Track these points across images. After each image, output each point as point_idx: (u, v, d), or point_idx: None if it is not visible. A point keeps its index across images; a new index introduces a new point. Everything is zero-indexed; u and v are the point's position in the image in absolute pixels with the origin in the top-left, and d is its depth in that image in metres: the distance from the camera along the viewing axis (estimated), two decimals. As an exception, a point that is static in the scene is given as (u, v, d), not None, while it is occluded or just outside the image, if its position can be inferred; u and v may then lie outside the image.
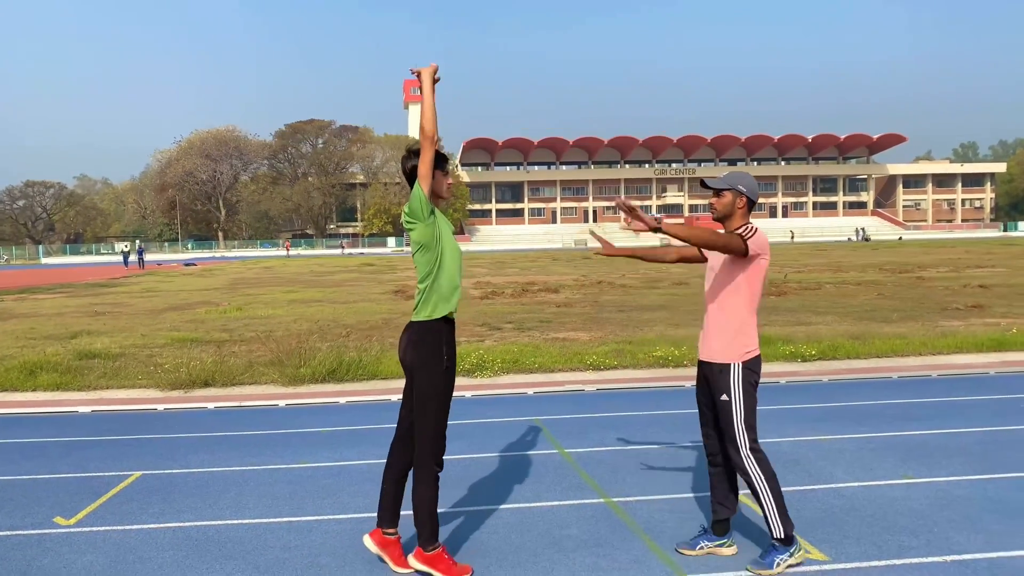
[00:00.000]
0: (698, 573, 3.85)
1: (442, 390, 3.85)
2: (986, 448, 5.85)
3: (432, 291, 3.82)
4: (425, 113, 3.70)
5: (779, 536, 3.83)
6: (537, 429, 6.82)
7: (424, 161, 3.72)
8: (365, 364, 9.44)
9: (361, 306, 18.64)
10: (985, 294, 18.17)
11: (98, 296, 24.60)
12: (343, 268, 42.44)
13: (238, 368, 9.50)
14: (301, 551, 4.19)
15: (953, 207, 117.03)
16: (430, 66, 3.79)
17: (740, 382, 3.85)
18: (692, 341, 11.02)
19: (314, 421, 7.31)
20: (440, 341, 3.83)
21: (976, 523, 4.37)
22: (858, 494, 4.92)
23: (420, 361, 3.82)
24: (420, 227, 3.78)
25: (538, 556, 4.07)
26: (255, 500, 5.04)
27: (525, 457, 5.94)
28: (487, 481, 5.35)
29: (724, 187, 3.96)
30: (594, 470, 5.56)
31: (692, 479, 5.29)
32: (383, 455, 5.98)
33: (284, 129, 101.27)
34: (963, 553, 3.98)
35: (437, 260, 3.81)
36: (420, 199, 3.74)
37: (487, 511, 4.76)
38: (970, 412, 7.03)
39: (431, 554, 3.82)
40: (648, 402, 7.83)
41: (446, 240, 3.86)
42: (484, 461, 5.82)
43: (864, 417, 6.95)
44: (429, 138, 3.69)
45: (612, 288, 22.98)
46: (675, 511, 4.70)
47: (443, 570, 3.79)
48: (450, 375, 3.88)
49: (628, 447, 6.13)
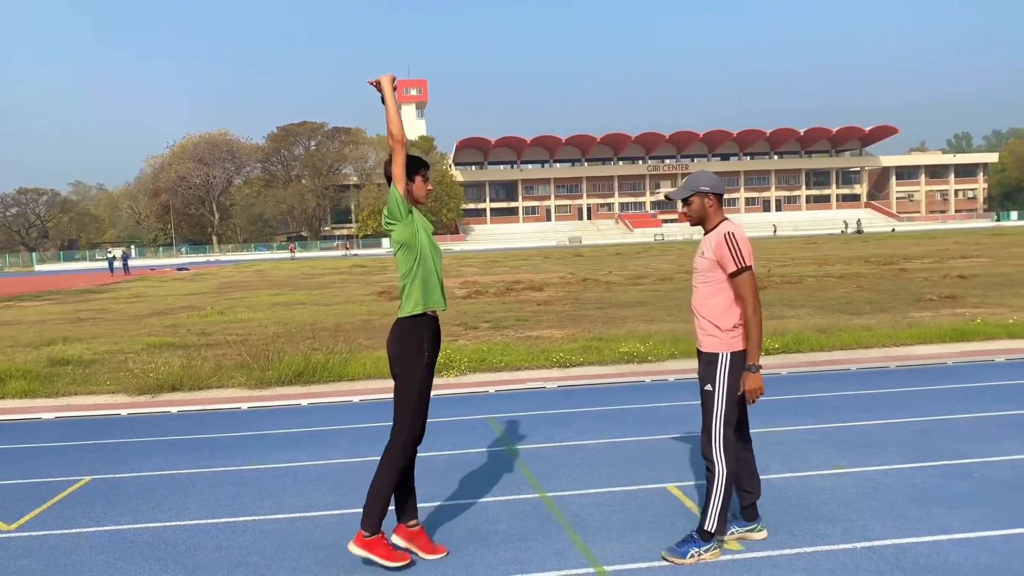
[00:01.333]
0: (614, 564, 3.94)
1: (421, 384, 3.99)
2: (924, 437, 5.95)
3: (413, 288, 3.98)
4: (391, 119, 3.89)
5: (707, 529, 3.91)
6: (489, 427, 6.91)
7: (397, 163, 3.91)
8: (331, 366, 9.52)
9: (342, 308, 18.72)
10: (962, 284, 18.28)
11: (85, 303, 24.66)
12: (334, 270, 42.51)
13: (206, 372, 9.57)
14: (232, 551, 4.27)
15: (946, 198, 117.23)
16: (388, 75, 4.00)
17: (727, 374, 3.92)
18: (660, 336, 11.14)
19: (274, 423, 7.39)
20: (422, 336, 3.98)
21: (895, 510, 4.47)
22: (788, 485, 5.02)
23: (402, 354, 3.98)
24: (399, 227, 3.96)
25: (462, 551, 4.16)
26: (197, 502, 5.12)
27: (470, 455, 6.03)
28: (427, 478, 5.43)
29: (688, 194, 4.05)
30: (536, 466, 5.65)
31: (628, 473, 5.38)
32: (334, 456, 6.14)
33: (276, 132, 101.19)
34: (875, 540, 4.08)
35: (417, 258, 3.98)
36: (397, 200, 3.93)
37: (420, 508, 4.84)
38: (918, 402, 7.12)
39: (370, 540, 3.93)
40: (605, 398, 7.91)
41: (425, 239, 4.02)
42: (429, 460, 5.90)
43: (814, 409, 7.04)
44: (399, 141, 3.89)
45: (596, 285, 23.08)
46: (606, 505, 4.79)
47: (383, 555, 3.92)
48: (430, 370, 4.03)
49: (575, 443, 6.22)
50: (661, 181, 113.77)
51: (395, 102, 3.95)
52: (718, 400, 3.93)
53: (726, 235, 3.92)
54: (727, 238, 3.91)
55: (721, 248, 3.91)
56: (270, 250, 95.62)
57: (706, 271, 4.00)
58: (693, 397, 7.75)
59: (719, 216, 4.05)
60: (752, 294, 3.87)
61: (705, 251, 4.02)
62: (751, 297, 3.87)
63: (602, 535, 4.30)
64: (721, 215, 4.07)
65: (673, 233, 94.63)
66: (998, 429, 6.09)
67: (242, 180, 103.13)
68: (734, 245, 3.89)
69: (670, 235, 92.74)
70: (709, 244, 4.00)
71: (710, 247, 3.98)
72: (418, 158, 4.06)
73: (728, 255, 3.89)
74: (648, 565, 3.91)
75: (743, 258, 3.88)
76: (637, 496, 4.92)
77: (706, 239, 4.06)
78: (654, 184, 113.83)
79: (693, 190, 4.03)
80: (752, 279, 3.90)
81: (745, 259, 3.88)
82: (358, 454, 6.14)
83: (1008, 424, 6.22)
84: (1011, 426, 6.16)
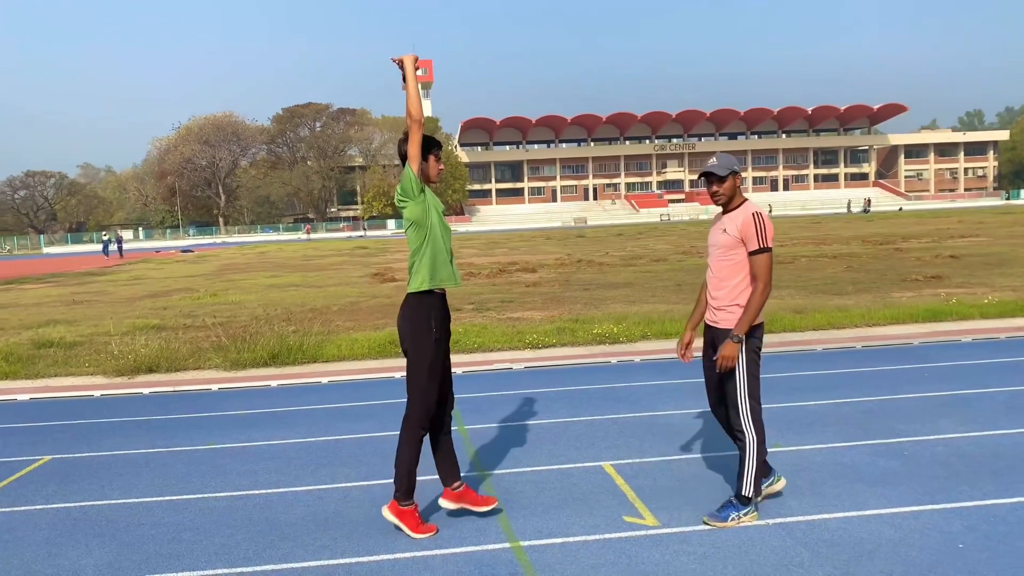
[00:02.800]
0: (531, 539, 4.06)
1: (431, 358, 4.11)
2: (867, 417, 6.04)
3: (422, 265, 4.10)
4: (411, 99, 4.00)
5: (745, 495, 4.09)
6: (447, 407, 7.01)
7: (413, 143, 4.02)
8: (306, 348, 9.66)
9: (334, 290, 18.88)
10: (952, 264, 18.26)
11: (84, 285, 24.92)
12: (336, 252, 42.68)
13: (184, 354, 9.73)
14: (168, 528, 4.42)
15: (956, 176, 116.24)
16: (410, 55, 4.09)
17: (744, 348, 4.05)
18: (636, 318, 11.22)
19: (241, 404, 7.54)
20: (430, 312, 4.11)
21: (817, 488, 4.57)
22: (720, 463, 5.12)
23: (410, 330, 4.12)
24: (411, 204, 4.08)
25: (389, 528, 4.29)
26: (147, 481, 5.27)
27: (421, 434, 6.15)
28: (372, 458, 5.57)
29: (727, 172, 4.11)
30: (483, 445, 5.77)
31: (568, 452, 5.49)
32: (289, 436, 6.27)
33: (281, 113, 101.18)
34: (789, 516, 4.18)
35: (427, 236, 4.10)
36: (410, 178, 4.05)
37: (358, 487, 4.98)
38: (872, 382, 7.20)
39: (404, 509, 4.15)
40: (568, 379, 8.02)
41: (436, 217, 4.13)
42: (379, 440, 6.04)
43: (768, 390, 7.09)
44: (417, 121, 4.00)
45: (590, 267, 23.15)
46: (536, 481, 4.91)
47: (410, 526, 4.12)
48: (440, 344, 4.15)
49: (525, 423, 6.34)
50: (668, 161, 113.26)
51: (416, 82, 4.04)
52: (740, 373, 4.08)
53: (755, 214, 4.04)
54: (755, 217, 4.03)
55: (748, 226, 4.02)
56: (276, 232, 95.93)
57: (728, 248, 4.11)
58: (654, 377, 7.87)
59: (741, 196, 4.19)
60: (766, 274, 4.02)
61: (728, 228, 4.11)
62: (764, 276, 4.01)
63: (527, 512, 4.42)
64: (743, 195, 4.20)
65: (679, 213, 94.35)
66: (939, 408, 6.17)
67: (248, 162, 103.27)
68: (761, 225, 4.02)
69: (675, 215, 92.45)
70: (734, 221, 4.10)
71: (735, 225, 4.08)
72: (431, 138, 4.15)
73: (753, 233, 4.01)
74: (563, 540, 4.03)
75: (766, 239, 4.01)
76: (570, 474, 5.03)
77: (728, 216, 4.16)
78: (660, 164, 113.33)
79: (731, 169, 4.12)
80: (770, 261, 4.03)
81: (768, 240, 4.02)
82: (312, 435, 6.28)
83: (950, 403, 6.30)
84: (952, 405, 6.25)
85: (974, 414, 5.96)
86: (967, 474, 4.69)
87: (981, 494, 4.37)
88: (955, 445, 5.25)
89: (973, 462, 4.88)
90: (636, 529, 4.12)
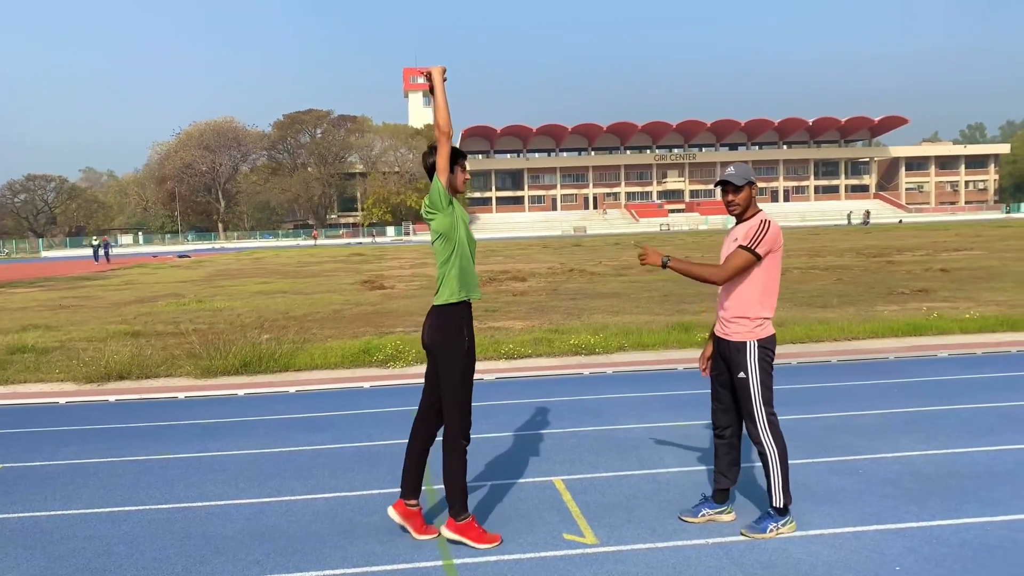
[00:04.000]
0: (464, 557, 3.98)
1: (464, 368, 4.11)
2: (828, 433, 5.96)
3: (450, 277, 4.08)
4: (440, 110, 3.98)
5: (778, 505, 4.06)
6: (409, 419, 6.92)
7: (441, 155, 4.01)
8: (279, 357, 9.59)
9: (319, 297, 18.82)
10: (942, 278, 18.19)
11: (73, 290, 24.88)
12: (332, 258, 42.66)
13: (155, 361, 9.67)
14: (101, 541, 4.34)
15: (956, 189, 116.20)
16: (439, 67, 4.08)
17: (756, 360, 4.06)
18: (615, 329, 11.15)
19: (205, 413, 7.46)
20: (460, 323, 4.10)
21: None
22: (673, 480, 5.05)
23: (442, 342, 4.10)
24: (439, 217, 4.05)
25: (324, 543, 4.22)
26: (91, 492, 5.20)
27: (375, 447, 6.08)
28: (322, 471, 5.50)
29: (744, 181, 4.10)
30: (436, 459, 5.68)
31: (520, 466, 5.42)
32: (245, 446, 6.20)
33: (282, 119, 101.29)
34: (729, 536, 4.11)
35: (455, 247, 4.07)
36: (439, 191, 4.02)
37: (301, 501, 4.91)
38: (841, 397, 7.13)
39: (462, 523, 4.10)
40: (538, 391, 7.94)
41: (463, 229, 4.10)
42: (332, 452, 5.97)
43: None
44: (445, 134, 3.99)
45: (580, 276, 23.09)
46: (483, 496, 4.84)
47: (473, 538, 4.07)
48: (471, 354, 4.14)
49: (484, 435, 6.25)
50: (668, 171, 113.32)
51: (444, 93, 4.01)
52: (753, 385, 4.07)
53: (762, 221, 4.06)
54: (761, 223, 4.04)
55: (752, 227, 4.04)
56: (275, 238, 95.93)
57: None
58: (623, 390, 7.80)
59: (756, 207, 4.18)
60: (731, 270, 4.01)
61: (739, 237, 4.10)
62: (729, 269, 4.02)
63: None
64: (757, 206, 4.18)
65: (679, 223, 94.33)
66: (903, 424, 6.10)
67: (248, 168, 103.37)
68: (762, 230, 4.01)
69: (675, 225, 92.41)
70: (743, 231, 4.10)
71: (743, 233, 4.09)
72: (456, 148, 4.13)
73: (751, 233, 4.02)
74: (496, 559, 3.95)
75: (759, 243, 4.00)
76: (519, 489, 4.96)
77: (740, 227, 4.16)
78: (661, 173, 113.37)
79: (748, 179, 4.11)
80: (746, 263, 4.00)
81: (761, 245, 4.00)
82: (267, 445, 6.21)
83: (915, 420, 6.23)
84: (917, 421, 6.17)
85: (937, 432, 5.89)
86: (918, 493, 4.61)
87: (928, 514, 4.29)
88: (912, 463, 5.17)
89: (927, 481, 4.81)
90: (573, 547, 4.05)
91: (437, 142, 4.01)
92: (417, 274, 26.87)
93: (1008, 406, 6.58)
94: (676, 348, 9.99)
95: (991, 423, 6.07)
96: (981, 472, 4.94)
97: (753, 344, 4.06)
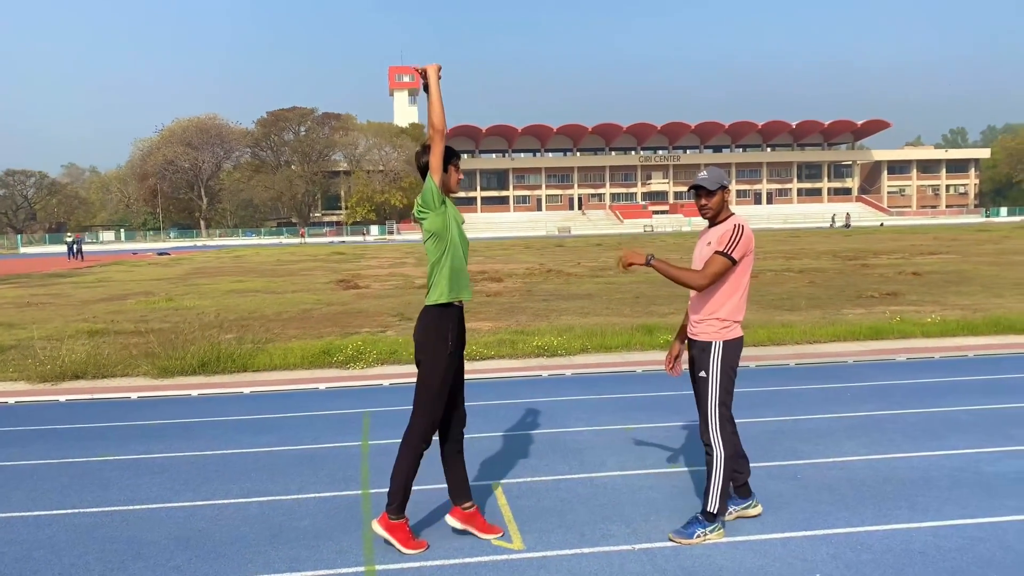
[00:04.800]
0: (388, 563, 3.94)
1: (443, 372, 4.05)
2: (773, 438, 5.96)
3: (441, 277, 4.03)
4: (434, 109, 3.94)
5: (711, 511, 4.06)
6: (360, 422, 6.89)
7: (435, 154, 3.96)
8: (237, 357, 9.50)
9: (291, 296, 18.70)
10: (912, 281, 18.30)
11: (45, 287, 24.60)
12: (312, 257, 42.45)
13: (113, 361, 9.55)
14: (22, 546, 4.26)
15: (938, 193, 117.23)
16: (434, 65, 4.01)
17: (720, 361, 4.06)
18: (581, 329, 11.13)
19: (155, 414, 7.37)
20: (448, 325, 4.05)
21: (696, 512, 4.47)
22: (610, 483, 5.02)
23: (427, 342, 4.05)
24: (431, 216, 4.00)
25: (249, 548, 4.16)
26: (23, 495, 5.11)
27: (319, 450, 6.02)
28: (260, 474, 5.43)
29: (717, 186, 4.11)
30: (377, 462, 5.63)
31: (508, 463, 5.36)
32: (188, 448, 6.12)
33: (266, 117, 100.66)
34: (656, 542, 4.08)
35: (447, 247, 4.02)
36: (432, 190, 3.97)
37: (234, 504, 4.84)
38: (793, 401, 7.13)
39: (395, 523, 4.06)
40: (496, 392, 7.90)
41: (456, 229, 4.06)
42: (273, 455, 5.90)
43: (684, 409, 7.02)
44: (440, 132, 3.94)
45: (557, 277, 23.08)
46: (419, 501, 4.73)
47: (401, 540, 4.03)
48: (454, 358, 4.09)
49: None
50: (652, 172, 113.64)
51: (439, 92, 3.96)
52: (712, 385, 4.07)
53: (736, 225, 4.07)
54: (735, 227, 4.05)
55: (725, 233, 4.04)
56: (259, 235, 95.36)
57: (703, 261, 4.11)
58: (579, 392, 7.77)
59: (728, 210, 4.20)
60: (709, 275, 4.01)
61: (712, 241, 4.11)
62: (709, 275, 4.01)
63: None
64: (729, 210, 4.21)
65: (663, 225, 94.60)
66: (849, 429, 6.10)
67: (231, 165, 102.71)
68: (736, 235, 4.02)
69: (659, 227, 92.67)
70: (717, 235, 4.10)
71: (717, 237, 4.09)
72: (450, 148, 4.07)
73: (726, 238, 4.02)
74: (419, 564, 3.91)
75: (734, 247, 4.00)
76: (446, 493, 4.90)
77: (713, 230, 4.16)
78: (645, 175, 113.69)
79: (720, 183, 4.11)
80: (724, 268, 4.01)
81: (736, 250, 4.00)
82: (212, 447, 6.13)
83: (861, 425, 6.24)
84: (863, 426, 6.18)
85: (881, 436, 5.90)
86: (852, 499, 4.61)
87: (858, 520, 4.29)
88: (851, 469, 5.17)
89: (861, 487, 4.80)
90: (499, 553, 4.01)
91: (431, 141, 3.97)
92: (394, 273, 26.77)
93: (954, 411, 6.61)
94: (639, 350, 9.98)
95: (935, 428, 6.09)
96: (917, 478, 4.95)
97: (719, 345, 4.07)
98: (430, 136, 3.95)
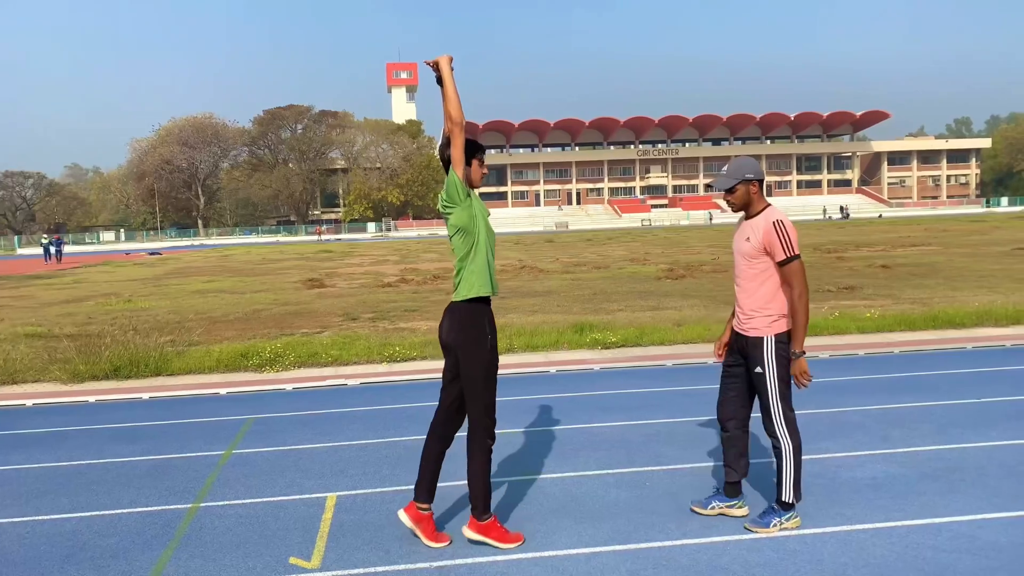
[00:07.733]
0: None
1: (488, 366, 3.95)
2: (648, 440, 5.76)
3: (470, 272, 3.92)
4: (450, 101, 3.80)
5: (786, 501, 4.05)
6: (237, 429, 6.69)
7: (456, 147, 3.84)
8: (151, 361, 9.32)
9: (250, 296, 18.54)
10: (878, 274, 18.05)
11: (17, 289, 24.51)
12: (299, 255, 42.32)
13: (22, 365, 9.39)
14: None
15: (939, 184, 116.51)
16: (446, 56, 3.85)
17: (773, 354, 4.01)
18: (516, 328, 10.94)
19: (42, 422, 7.19)
20: (482, 320, 3.95)
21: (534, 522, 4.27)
22: (446, 493, 4.80)
23: (464, 341, 3.92)
24: (457, 211, 3.89)
25: (33, 570, 3.97)
26: None
27: (177, 460, 5.82)
28: (103, 486, 5.24)
29: (733, 183, 4.06)
30: (228, 473, 5.44)
31: (310, 478, 5.19)
32: (47, 459, 5.96)
33: (263, 115, 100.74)
34: (456, 559, 3.88)
35: (475, 242, 3.91)
36: (455, 183, 3.86)
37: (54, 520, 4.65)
38: (688, 402, 6.92)
39: (484, 523, 3.98)
40: (396, 396, 7.71)
41: (482, 223, 3.94)
42: (134, 464, 5.72)
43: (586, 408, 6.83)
44: (458, 124, 3.81)
45: (528, 273, 22.92)
46: (241, 515, 4.60)
47: (496, 537, 3.96)
48: (494, 352, 3.99)
49: (299, 446, 6.03)
50: (651, 166, 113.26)
51: (454, 83, 3.80)
52: (770, 380, 4.03)
53: (775, 223, 3.96)
54: (776, 226, 3.95)
55: (770, 236, 3.96)
56: (256, 234, 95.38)
57: (751, 257, 4.06)
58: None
59: (763, 202, 4.11)
60: (800, 281, 3.96)
61: (751, 236, 4.05)
62: (799, 284, 3.96)
63: (193, 552, 4.09)
64: (764, 201, 4.12)
65: (661, 219, 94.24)
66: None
67: (229, 164, 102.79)
68: (783, 232, 3.95)
69: (657, 221, 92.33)
70: (755, 230, 4.04)
71: (756, 233, 4.02)
72: (474, 141, 3.98)
73: (778, 243, 3.95)
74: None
75: (792, 247, 3.95)
76: (284, 507, 4.72)
77: (750, 224, 4.10)
78: (644, 169, 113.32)
79: (738, 179, 4.05)
80: (801, 266, 3.97)
81: (794, 247, 3.97)
82: (72, 458, 5.94)
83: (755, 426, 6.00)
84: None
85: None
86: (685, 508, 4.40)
87: (680, 533, 4.08)
88: (717, 475, 4.96)
89: (699, 495, 4.59)
90: (292, 572, 3.82)
91: (450, 134, 3.83)
92: (368, 272, 26.60)
93: (850, 411, 6.39)
94: (565, 349, 9.78)
95: (819, 429, 5.86)
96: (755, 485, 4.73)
97: (770, 339, 4.02)
98: (448, 129, 3.82)
